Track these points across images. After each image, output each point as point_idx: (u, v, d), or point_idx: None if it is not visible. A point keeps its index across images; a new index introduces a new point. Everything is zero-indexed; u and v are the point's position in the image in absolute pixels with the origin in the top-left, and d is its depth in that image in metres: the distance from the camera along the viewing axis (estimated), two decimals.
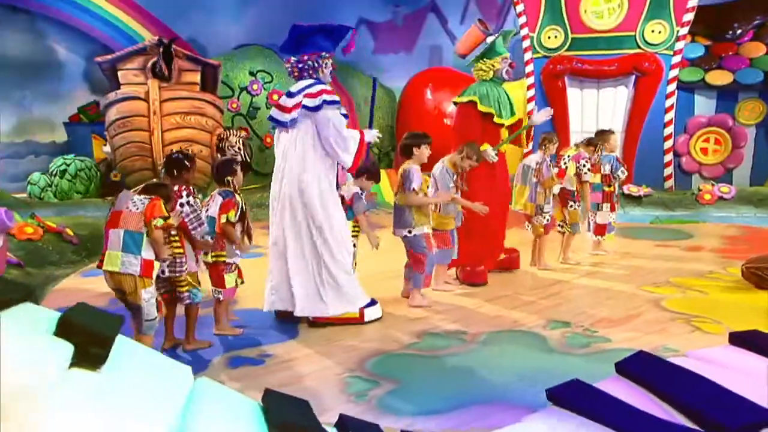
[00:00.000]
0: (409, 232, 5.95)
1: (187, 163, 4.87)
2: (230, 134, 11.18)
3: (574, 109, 12.33)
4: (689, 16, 11.75)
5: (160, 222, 4.28)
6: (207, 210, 5.07)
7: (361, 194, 5.74)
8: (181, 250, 4.71)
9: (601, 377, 3.41)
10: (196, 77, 11.10)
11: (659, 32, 11.85)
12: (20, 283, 5.42)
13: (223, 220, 5.04)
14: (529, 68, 12.34)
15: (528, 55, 12.35)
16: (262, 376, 4.35)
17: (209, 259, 5.11)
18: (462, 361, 4.58)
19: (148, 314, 4.32)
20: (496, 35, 7.12)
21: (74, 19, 12.85)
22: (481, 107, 6.63)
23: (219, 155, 10.94)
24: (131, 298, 4.27)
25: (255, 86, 12.97)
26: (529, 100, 12.37)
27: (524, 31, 12.29)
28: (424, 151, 5.99)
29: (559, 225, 7.65)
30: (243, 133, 11.50)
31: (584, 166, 7.59)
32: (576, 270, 7.31)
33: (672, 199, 11.31)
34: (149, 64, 10.54)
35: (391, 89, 15.58)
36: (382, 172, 11.14)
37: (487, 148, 6.56)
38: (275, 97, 12.95)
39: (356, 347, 4.88)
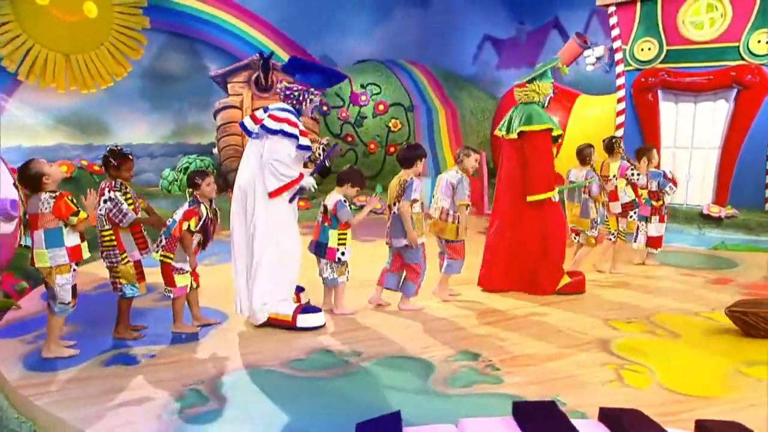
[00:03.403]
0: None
1: (111, 161, 4.61)
2: (314, 140, 10.88)
3: (667, 123, 10.39)
4: None
5: (74, 221, 4.14)
6: (175, 213, 4.86)
7: (345, 202, 5.17)
8: (113, 243, 4.55)
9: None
10: None
11: (767, 42, 9.57)
12: None
13: (184, 227, 4.74)
14: (620, 81, 10.59)
15: (620, 68, 10.60)
16: (117, 377, 3.95)
17: (157, 256, 4.81)
18: (321, 387, 3.86)
19: (62, 298, 4.22)
20: (546, 64, 6.06)
21: (224, 42, 13.42)
22: (555, 132, 5.83)
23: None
24: (47, 280, 4.21)
25: (363, 97, 12.56)
26: (618, 114, 10.65)
27: (617, 44, 10.58)
28: (420, 165, 5.39)
29: (612, 235, 6.87)
30: (325, 141, 11.12)
31: (632, 174, 6.81)
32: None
33: (761, 222, 9.02)
34: (252, 77, 10.58)
35: None
36: None
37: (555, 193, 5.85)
38: (380, 107, 12.49)
39: (233, 357, 4.32)
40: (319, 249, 5.20)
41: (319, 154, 10.42)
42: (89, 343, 4.47)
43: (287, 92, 4.96)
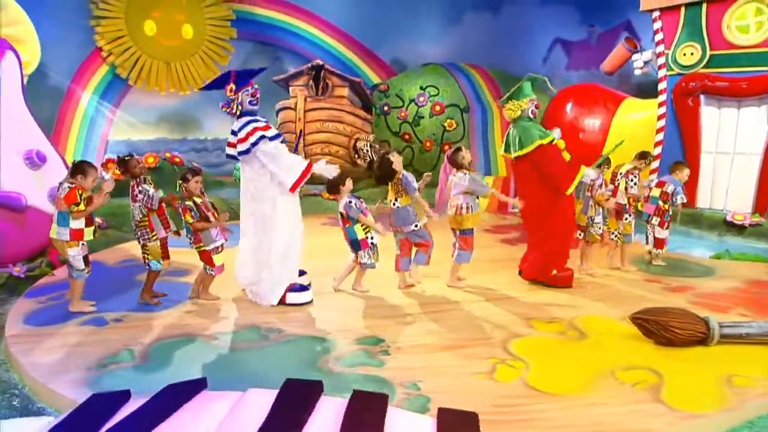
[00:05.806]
0: (416, 226, 5.91)
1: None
2: (361, 138, 11.41)
3: (709, 128, 9.79)
4: None
5: (73, 209, 4.90)
6: None
7: (351, 202, 5.67)
8: (145, 223, 5.33)
9: None
10: (344, 91, 11.64)
11: None
12: None
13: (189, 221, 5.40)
14: (662, 86, 10.10)
15: (662, 73, 10.10)
16: (82, 335, 4.60)
17: (196, 249, 5.49)
18: (231, 356, 4.34)
19: (76, 266, 5.02)
20: (525, 78, 6.13)
21: (302, 48, 14.22)
22: (546, 141, 5.89)
23: (355, 155, 11.29)
24: (61, 252, 5.04)
25: (422, 98, 12.86)
26: (659, 118, 10.17)
27: (660, 48, 10.09)
28: (399, 160, 5.90)
29: (613, 234, 6.94)
30: (371, 137, 11.64)
31: (632, 180, 6.93)
32: (524, 289, 6.07)
33: None
34: (310, 82, 11.32)
35: None
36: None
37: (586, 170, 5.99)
38: (437, 108, 12.73)
39: (179, 327, 4.85)
40: (354, 245, 5.81)
41: (367, 151, 10.86)
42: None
43: (225, 111, 5.55)
